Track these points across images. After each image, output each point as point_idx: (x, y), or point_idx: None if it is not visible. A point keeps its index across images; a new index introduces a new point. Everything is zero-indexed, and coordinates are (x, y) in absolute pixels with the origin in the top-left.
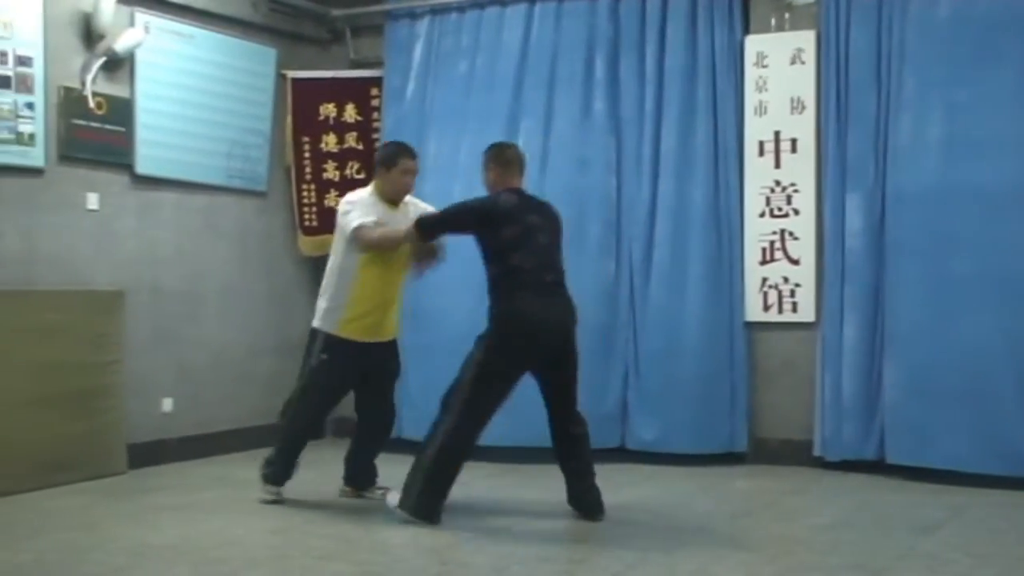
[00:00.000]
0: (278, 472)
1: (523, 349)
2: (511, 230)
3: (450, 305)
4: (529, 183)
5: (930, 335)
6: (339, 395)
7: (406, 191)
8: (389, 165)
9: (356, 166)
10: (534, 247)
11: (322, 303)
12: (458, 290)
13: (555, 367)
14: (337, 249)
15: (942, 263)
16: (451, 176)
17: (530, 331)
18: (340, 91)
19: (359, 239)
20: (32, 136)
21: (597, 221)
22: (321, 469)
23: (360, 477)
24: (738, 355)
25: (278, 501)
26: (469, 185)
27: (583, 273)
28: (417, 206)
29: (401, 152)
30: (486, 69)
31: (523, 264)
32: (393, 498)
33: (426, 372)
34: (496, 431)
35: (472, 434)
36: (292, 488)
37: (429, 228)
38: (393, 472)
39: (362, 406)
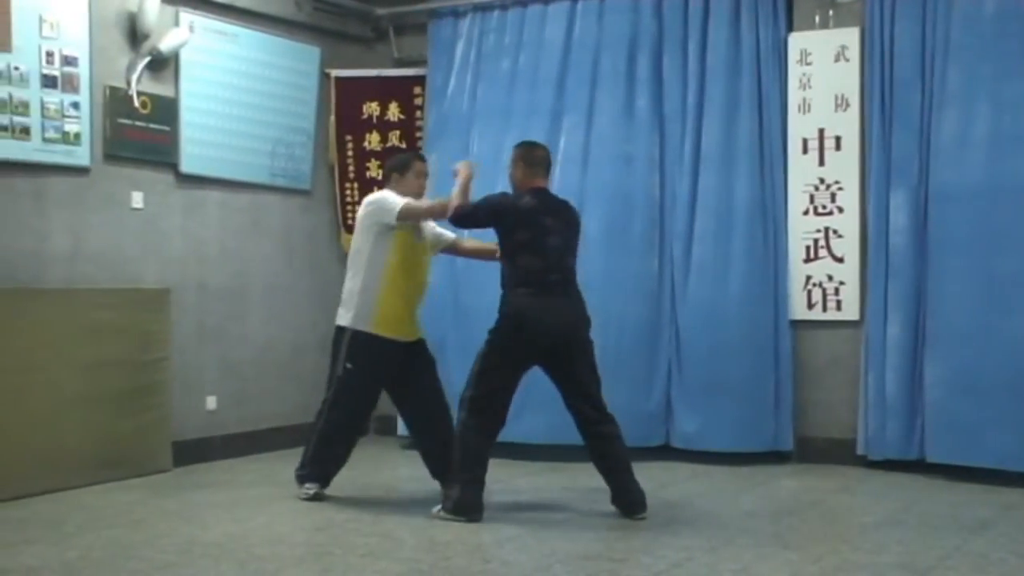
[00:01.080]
0: (314, 474)
1: (519, 346)
2: (524, 233)
3: (492, 303)
4: (571, 180)
5: (975, 333)
6: (372, 396)
7: (422, 193)
8: (404, 170)
9: None
10: (543, 249)
11: (350, 301)
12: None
13: (559, 366)
14: (364, 248)
15: (987, 261)
16: (493, 174)
17: (525, 328)
18: (383, 90)
19: (411, 212)
20: (78, 135)
21: (640, 218)
22: (365, 467)
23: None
24: (783, 353)
25: (318, 497)
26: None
27: (626, 270)
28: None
29: (413, 156)
30: (529, 66)
31: (530, 265)
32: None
33: (467, 370)
34: (539, 428)
35: (480, 428)
36: (337, 486)
37: (462, 217)
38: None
39: (410, 406)
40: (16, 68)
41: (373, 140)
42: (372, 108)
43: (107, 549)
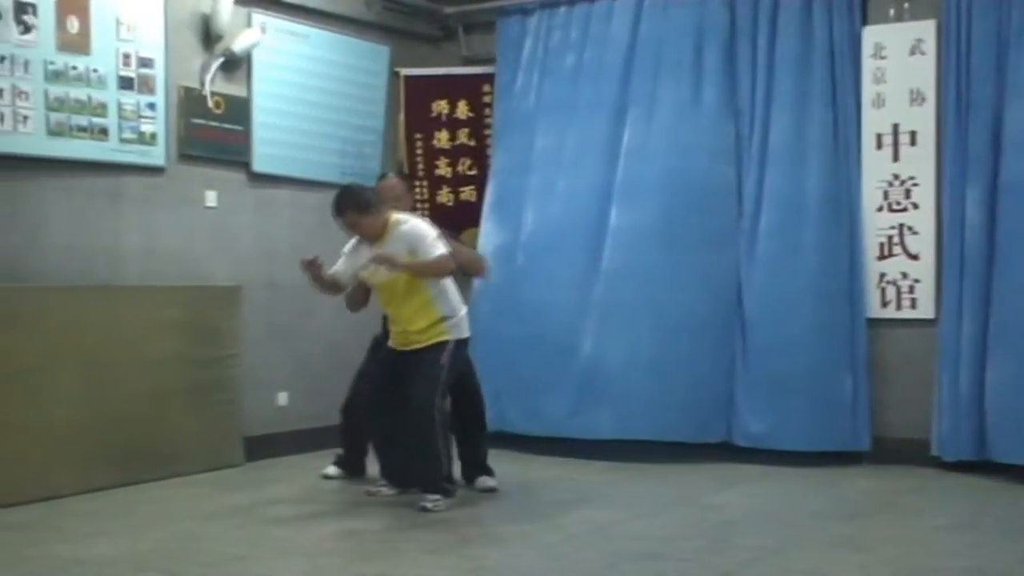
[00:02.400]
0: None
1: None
2: None
3: (555, 298)
4: (633, 171)
5: None
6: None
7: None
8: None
9: (468, 162)
10: None
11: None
12: (562, 283)
13: None
14: None
15: None
16: (556, 168)
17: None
18: (452, 88)
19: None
20: (153, 135)
21: (706, 209)
22: None
23: (464, 470)
24: (859, 351)
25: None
26: (575, 177)
27: (690, 261)
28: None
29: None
30: (593, 61)
31: None
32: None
33: (532, 365)
34: (604, 423)
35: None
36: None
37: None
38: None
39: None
40: (95, 70)
41: (442, 138)
42: (441, 106)
43: (179, 542)
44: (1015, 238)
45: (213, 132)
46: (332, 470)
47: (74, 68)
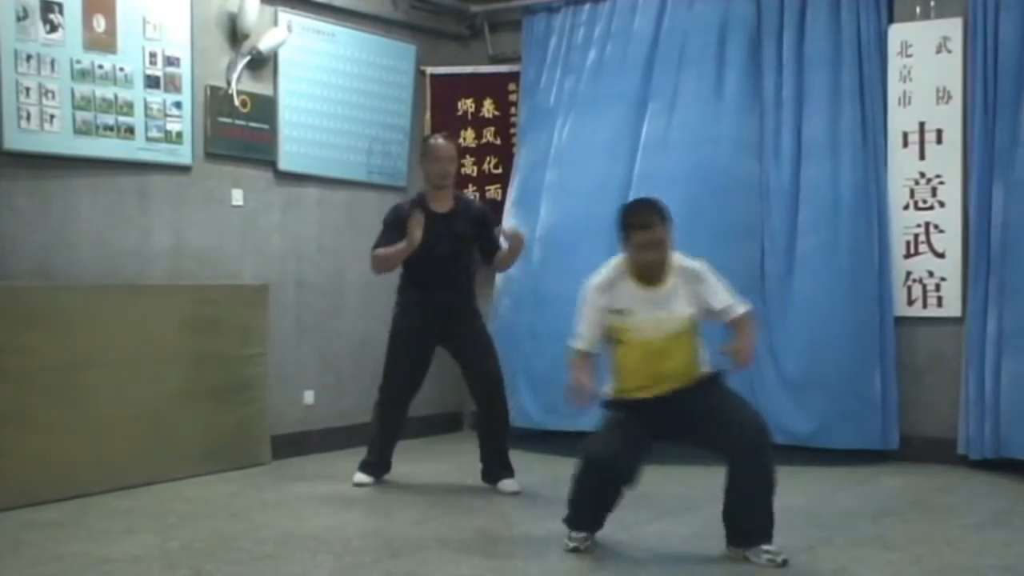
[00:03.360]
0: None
1: None
2: None
3: (573, 292)
4: (652, 162)
5: None
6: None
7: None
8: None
9: (494, 161)
10: None
11: None
12: (580, 276)
13: None
14: None
15: None
16: (574, 162)
17: None
18: (478, 86)
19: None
20: (180, 134)
21: (729, 202)
22: (459, 461)
23: (484, 471)
24: (888, 350)
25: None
26: (594, 171)
27: (711, 254)
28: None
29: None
30: (616, 55)
31: None
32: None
33: (549, 359)
34: None
35: None
36: (435, 481)
37: None
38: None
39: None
40: (121, 69)
41: (468, 137)
42: (467, 105)
43: (208, 540)
44: None
45: (239, 131)
46: (362, 477)
47: (100, 67)
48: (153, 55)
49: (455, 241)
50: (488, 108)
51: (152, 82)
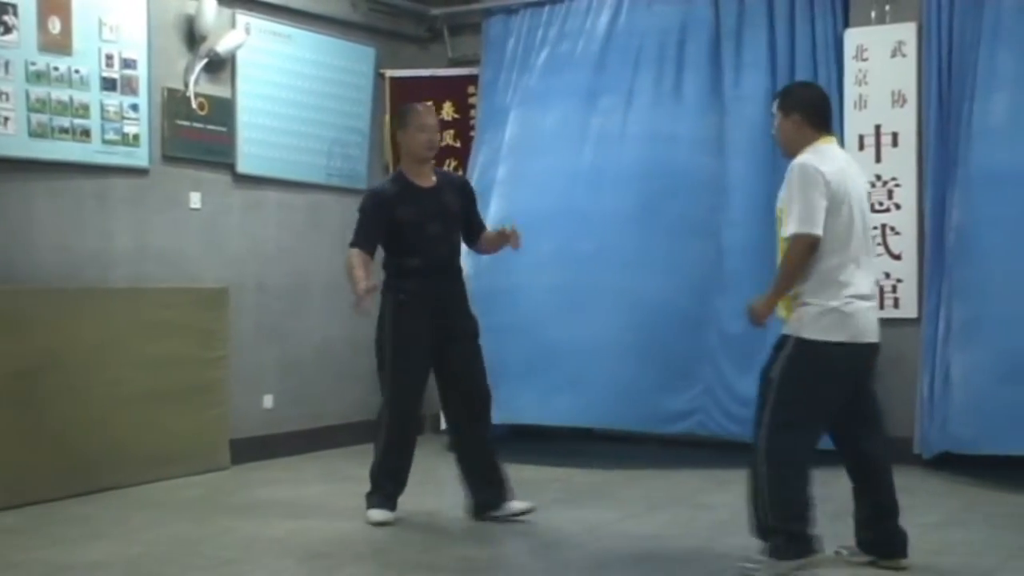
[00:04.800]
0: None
1: None
2: None
3: (524, 283)
4: (605, 156)
5: None
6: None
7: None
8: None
9: (454, 164)
10: None
11: None
12: (532, 269)
13: None
14: None
15: None
16: (524, 156)
17: None
18: (437, 89)
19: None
20: (137, 137)
21: (683, 199)
22: (416, 465)
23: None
24: None
25: None
26: (546, 163)
27: (664, 250)
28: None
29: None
30: (568, 51)
31: None
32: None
33: (505, 353)
34: (577, 413)
35: None
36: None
37: None
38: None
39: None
40: (77, 71)
41: None
42: None
43: (170, 545)
44: (985, 223)
45: (197, 133)
46: (383, 514)
47: (56, 69)
48: (109, 57)
49: (447, 217)
50: (448, 111)
51: (108, 84)
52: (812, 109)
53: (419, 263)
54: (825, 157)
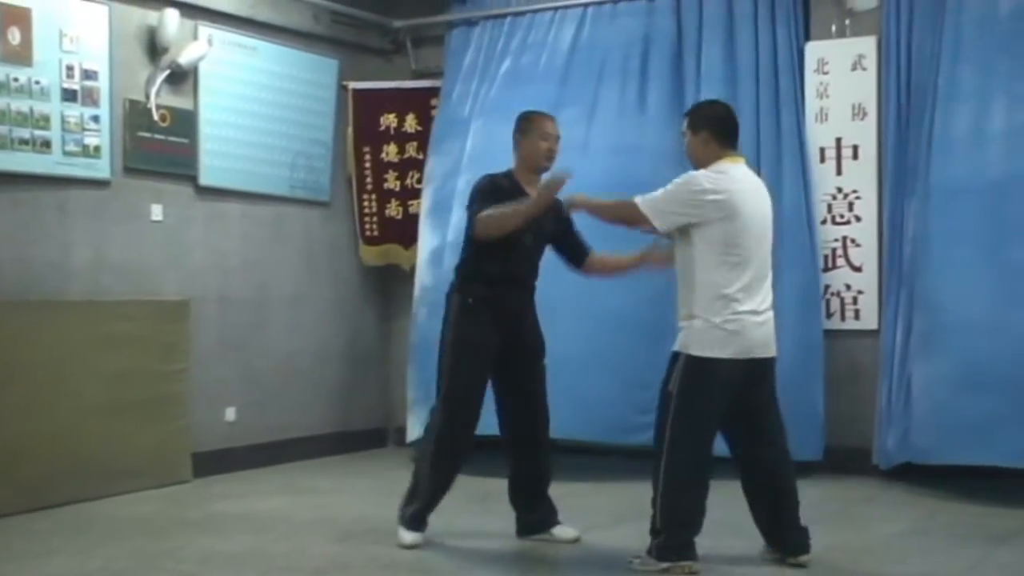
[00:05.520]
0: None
1: None
2: None
3: None
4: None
5: (989, 329)
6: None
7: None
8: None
9: (416, 176)
10: None
11: None
12: None
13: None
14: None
15: (999, 253)
16: (485, 168)
17: None
18: (401, 101)
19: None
20: (98, 148)
21: None
22: (384, 478)
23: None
24: (814, 362)
25: None
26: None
27: None
28: None
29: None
30: (531, 64)
31: None
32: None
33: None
34: None
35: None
36: (359, 498)
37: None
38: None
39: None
40: (37, 82)
41: (391, 152)
42: (390, 120)
43: (129, 560)
44: (944, 235)
45: (159, 145)
46: (415, 537)
47: (16, 80)
48: (70, 68)
49: (540, 233)
50: (410, 123)
51: (69, 95)
52: (719, 127)
53: (501, 270)
54: (723, 176)
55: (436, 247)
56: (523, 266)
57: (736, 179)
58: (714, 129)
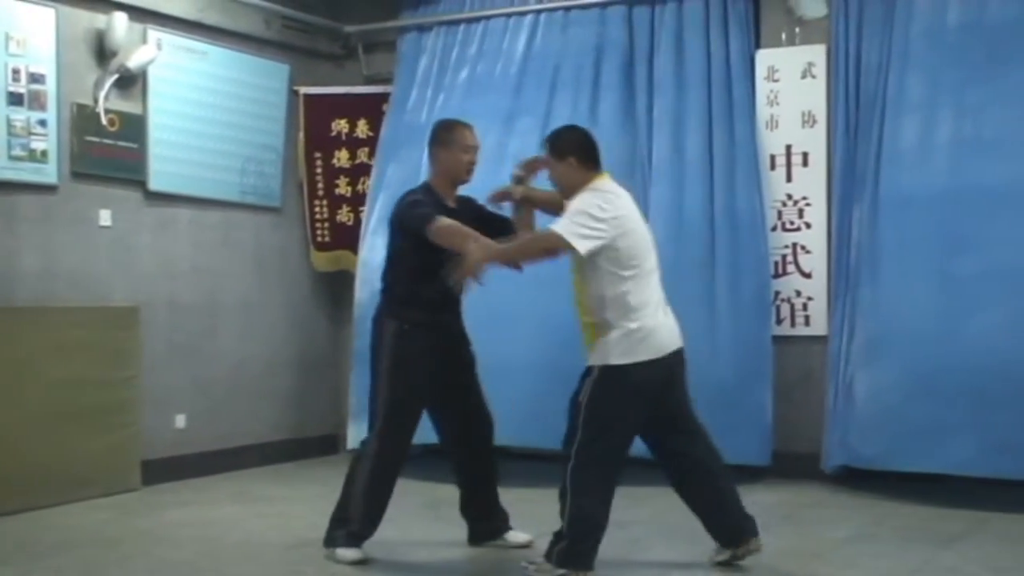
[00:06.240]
0: None
1: None
2: None
3: None
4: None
5: (936, 338)
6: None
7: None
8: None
9: (367, 182)
10: None
11: None
12: None
13: None
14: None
15: (947, 263)
16: None
17: None
18: (352, 107)
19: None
20: (45, 153)
21: None
22: (336, 484)
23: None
24: (763, 368)
25: None
26: (469, 186)
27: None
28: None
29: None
30: (486, 73)
31: None
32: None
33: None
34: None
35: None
36: (311, 505)
37: None
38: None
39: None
40: None
41: (342, 157)
42: (341, 125)
43: (77, 570)
44: (891, 244)
45: (107, 150)
46: (355, 553)
47: None
48: (16, 71)
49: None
50: (362, 128)
51: (15, 99)
52: (583, 151)
53: (439, 293)
54: (605, 193)
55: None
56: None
57: (618, 192)
58: (580, 153)
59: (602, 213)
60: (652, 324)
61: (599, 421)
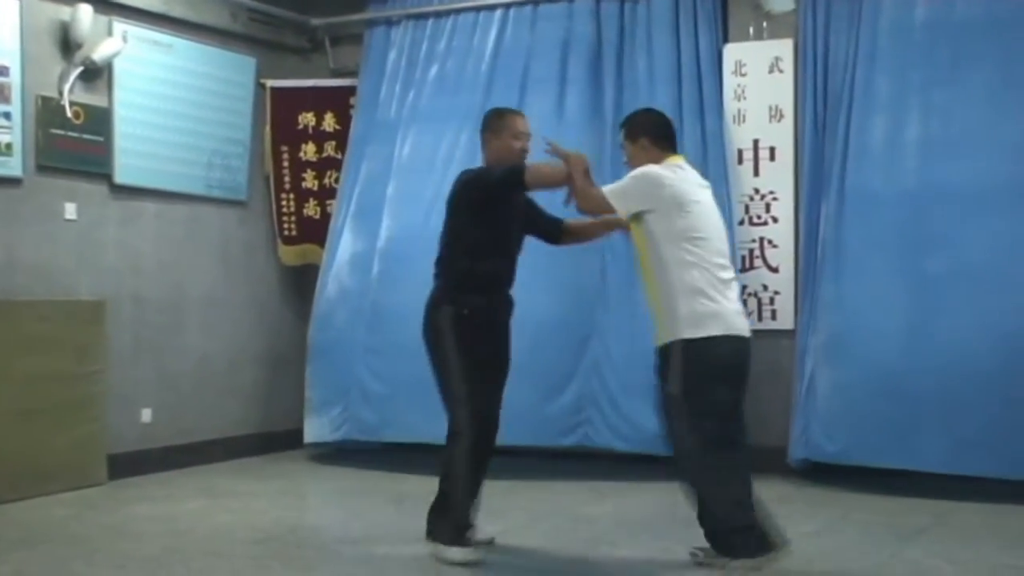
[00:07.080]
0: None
1: None
2: None
3: (412, 303)
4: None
5: (901, 335)
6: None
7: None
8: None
9: (335, 175)
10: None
11: None
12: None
13: None
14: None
15: (915, 262)
16: (415, 176)
17: None
18: (319, 100)
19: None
20: (9, 146)
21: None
22: (301, 478)
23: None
24: None
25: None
26: (441, 185)
27: (549, 267)
28: None
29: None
30: (456, 71)
31: None
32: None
33: (389, 372)
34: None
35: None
36: (276, 500)
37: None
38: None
39: None
40: None
41: (309, 151)
42: (308, 118)
43: (42, 565)
44: (857, 241)
45: (73, 143)
46: (470, 553)
47: None
48: None
49: (521, 226)
50: (329, 122)
51: None
52: (657, 132)
53: (493, 270)
54: (671, 167)
55: (360, 251)
56: (513, 263)
57: (686, 170)
58: (653, 134)
59: (656, 181)
60: (719, 307)
61: (701, 400)
